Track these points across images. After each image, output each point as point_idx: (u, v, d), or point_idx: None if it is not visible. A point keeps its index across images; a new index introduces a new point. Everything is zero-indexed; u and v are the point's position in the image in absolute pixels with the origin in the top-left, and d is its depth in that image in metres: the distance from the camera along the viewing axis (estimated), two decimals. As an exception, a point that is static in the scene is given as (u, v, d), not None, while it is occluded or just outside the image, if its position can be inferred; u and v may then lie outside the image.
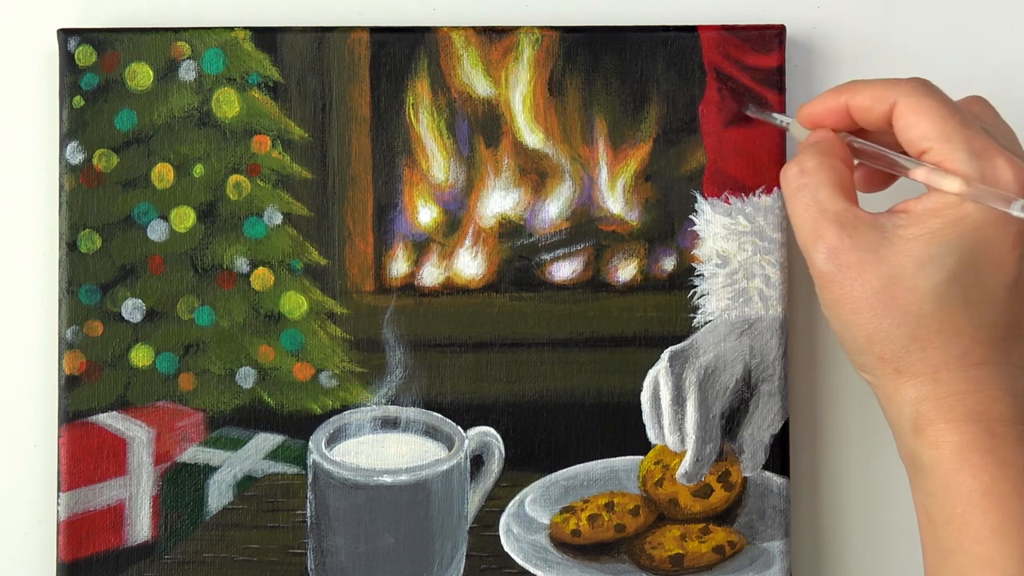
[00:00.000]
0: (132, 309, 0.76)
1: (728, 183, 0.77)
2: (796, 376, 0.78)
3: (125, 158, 0.77)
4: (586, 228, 0.77)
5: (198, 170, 0.77)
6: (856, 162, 0.70)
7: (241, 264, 0.77)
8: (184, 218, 0.77)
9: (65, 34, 0.76)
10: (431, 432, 0.76)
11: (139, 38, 0.76)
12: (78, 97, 0.76)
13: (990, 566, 0.63)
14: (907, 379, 0.65)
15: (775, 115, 0.75)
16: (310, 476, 0.76)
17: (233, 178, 0.77)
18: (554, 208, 0.77)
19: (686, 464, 0.76)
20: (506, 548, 0.76)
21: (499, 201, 0.77)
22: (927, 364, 0.65)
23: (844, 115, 0.69)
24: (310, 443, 0.76)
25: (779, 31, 0.77)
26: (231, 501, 0.76)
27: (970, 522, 0.64)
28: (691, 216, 0.77)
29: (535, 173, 0.77)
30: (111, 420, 0.76)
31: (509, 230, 0.77)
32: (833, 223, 0.66)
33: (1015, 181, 0.64)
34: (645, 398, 0.77)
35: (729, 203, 0.77)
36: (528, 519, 0.77)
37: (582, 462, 0.77)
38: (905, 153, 0.67)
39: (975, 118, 0.67)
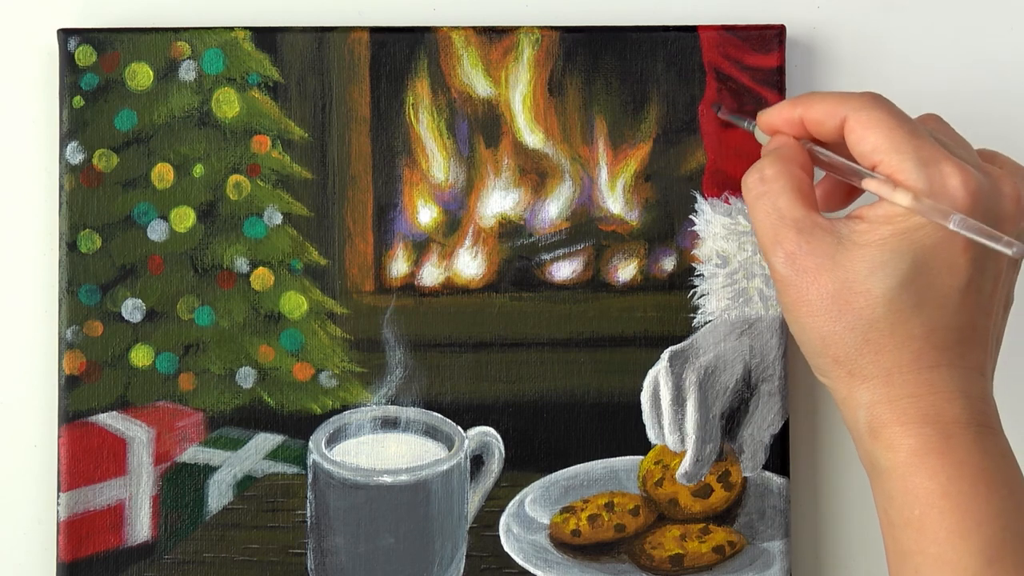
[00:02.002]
0: (132, 309, 0.76)
1: (728, 183, 0.77)
2: (796, 376, 0.78)
3: (125, 158, 0.77)
4: (586, 228, 0.77)
5: (198, 170, 0.77)
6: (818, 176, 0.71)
7: (241, 264, 0.77)
8: (184, 218, 0.77)
9: (65, 34, 0.76)
10: (431, 432, 0.76)
11: (139, 38, 0.76)
12: (78, 97, 0.76)
13: (949, 566, 0.63)
14: (860, 382, 0.66)
15: (743, 119, 0.75)
16: (310, 476, 0.76)
17: (233, 178, 0.77)
18: (554, 208, 0.77)
19: (686, 464, 0.76)
20: (506, 548, 0.76)
21: (499, 201, 0.77)
22: (880, 367, 0.65)
23: (799, 127, 0.70)
24: (310, 443, 0.76)
25: (779, 31, 0.77)
26: (231, 501, 0.76)
27: (928, 523, 0.64)
28: (691, 216, 0.77)
29: (535, 173, 0.77)
30: (111, 420, 0.76)
31: (509, 230, 0.77)
32: (791, 229, 0.66)
33: (962, 186, 0.65)
34: (645, 398, 0.77)
35: (729, 203, 0.77)
36: (528, 519, 0.77)
37: (582, 462, 0.77)
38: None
39: (926, 128, 0.67)
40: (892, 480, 0.65)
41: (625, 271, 0.77)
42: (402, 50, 0.77)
